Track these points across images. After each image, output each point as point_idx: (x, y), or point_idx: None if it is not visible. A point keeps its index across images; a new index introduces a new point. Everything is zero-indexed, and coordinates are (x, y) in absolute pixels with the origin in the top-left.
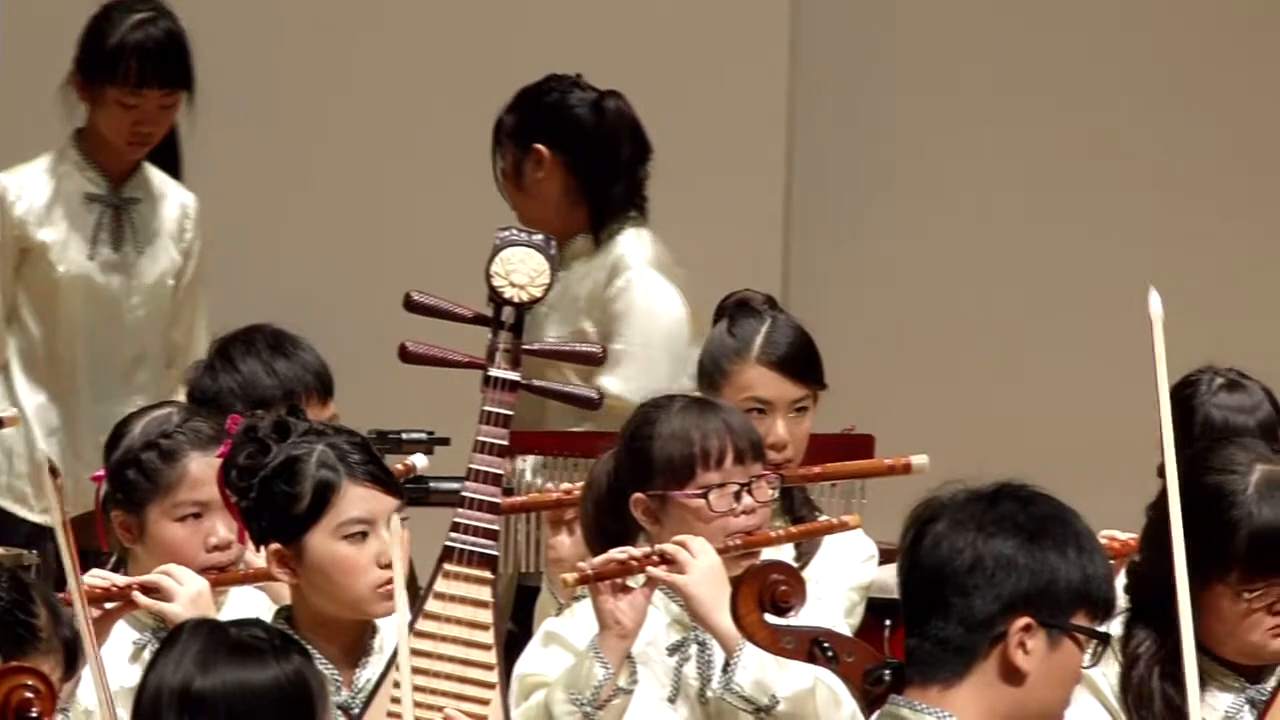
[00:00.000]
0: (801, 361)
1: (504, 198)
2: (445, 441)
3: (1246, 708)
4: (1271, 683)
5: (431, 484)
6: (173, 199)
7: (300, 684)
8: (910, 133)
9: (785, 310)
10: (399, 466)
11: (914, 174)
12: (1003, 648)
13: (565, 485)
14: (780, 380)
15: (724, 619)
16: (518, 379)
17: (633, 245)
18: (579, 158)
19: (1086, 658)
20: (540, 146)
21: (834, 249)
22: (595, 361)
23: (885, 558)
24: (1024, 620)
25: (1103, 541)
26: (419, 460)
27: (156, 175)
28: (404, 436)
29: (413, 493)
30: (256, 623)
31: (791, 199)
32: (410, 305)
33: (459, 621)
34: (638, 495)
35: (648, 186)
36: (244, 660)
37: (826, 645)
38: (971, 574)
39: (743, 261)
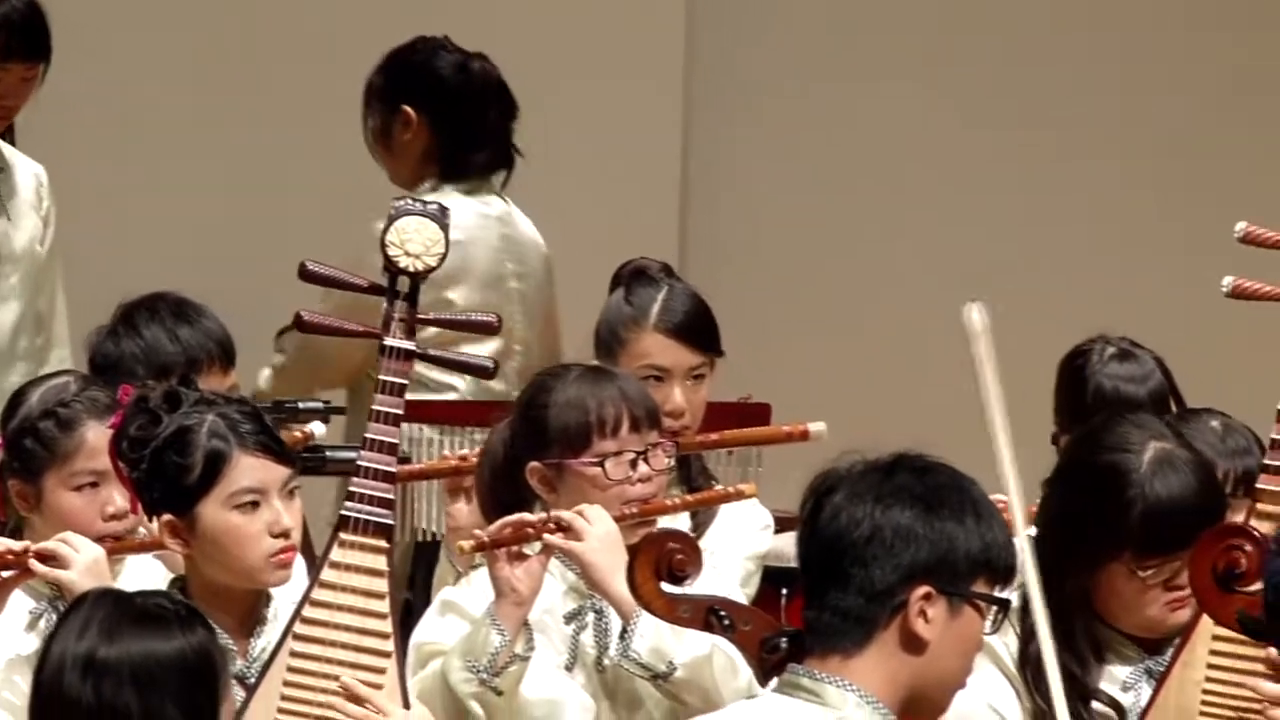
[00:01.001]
0: (699, 329)
1: (374, 158)
2: (341, 411)
3: (1145, 678)
4: (1169, 653)
5: (328, 453)
6: (24, 168)
7: (204, 655)
8: (807, 97)
9: (682, 278)
10: (296, 435)
11: (811, 141)
12: (903, 617)
13: (462, 452)
14: (677, 348)
15: (620, 586)
16: (414, 348)
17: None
18: (445, 118)
19: (987, 624)
20: (407, 108)
21: (731, 217)
22: (491, 331)
23: (782, 526)
24: (924, 589)
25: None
26: (316, 429)
27: (5, 146)
28: (300, 405)
29: (309, 461)
30: (162, 593)
31: (688, 167)
32: (305, 275)
33: (355, 591)
34: (534, 464)
35: (522, 148)
36: (149, 630)
37: (723, 614)
38: (870, 545)
39: (639, 229)
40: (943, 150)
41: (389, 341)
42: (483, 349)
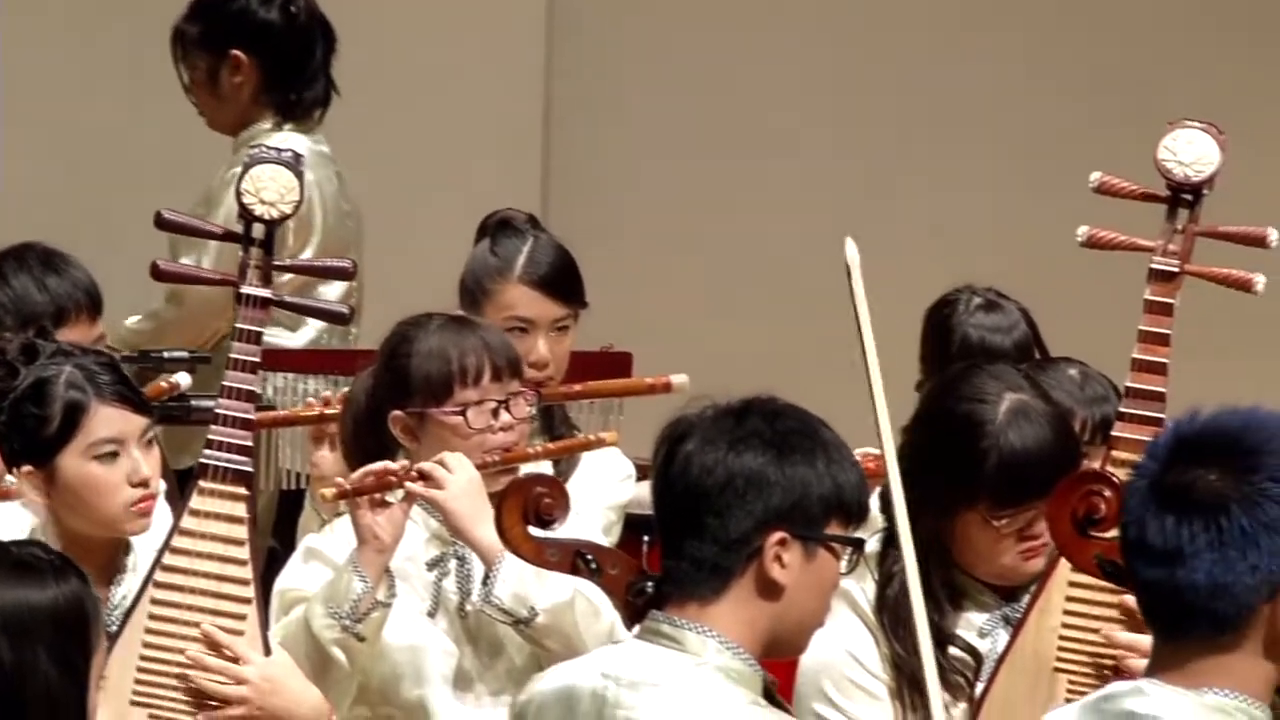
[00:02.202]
0: (563, 281)
1: (193, 104)
2: (206, 360)
3: (1001, 625)
4: (1025, 600)
5: (193, 402)
6: None
7: (78, 605)
8: (670, 47)
9: (547, 229)
10: (162, 385)
11: (674, 93)
12: (759, 563)
13: (326, 395)
14: (542, 300)
15: (482, 533)
16: (270, 295)
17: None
18: (276, 60)
19: (843, 564)
20: (237, 52)
21: (595, 168)
22: (348, 275)
23: (643, 474)
24: (778, 534)
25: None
26: (182, 379)
27: None
28: (165, 355)
29: (175, 410)
30: (36, 543)
31: (551, 118)
32: (161, 224)
33: (214, 538)
34: (396, 413)
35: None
36: (23, 579)
37: (590, 557)
38: (723, 493)
39: (503, 180)
40: (805, 100)
41: (245, 289)
42: (333, 290)
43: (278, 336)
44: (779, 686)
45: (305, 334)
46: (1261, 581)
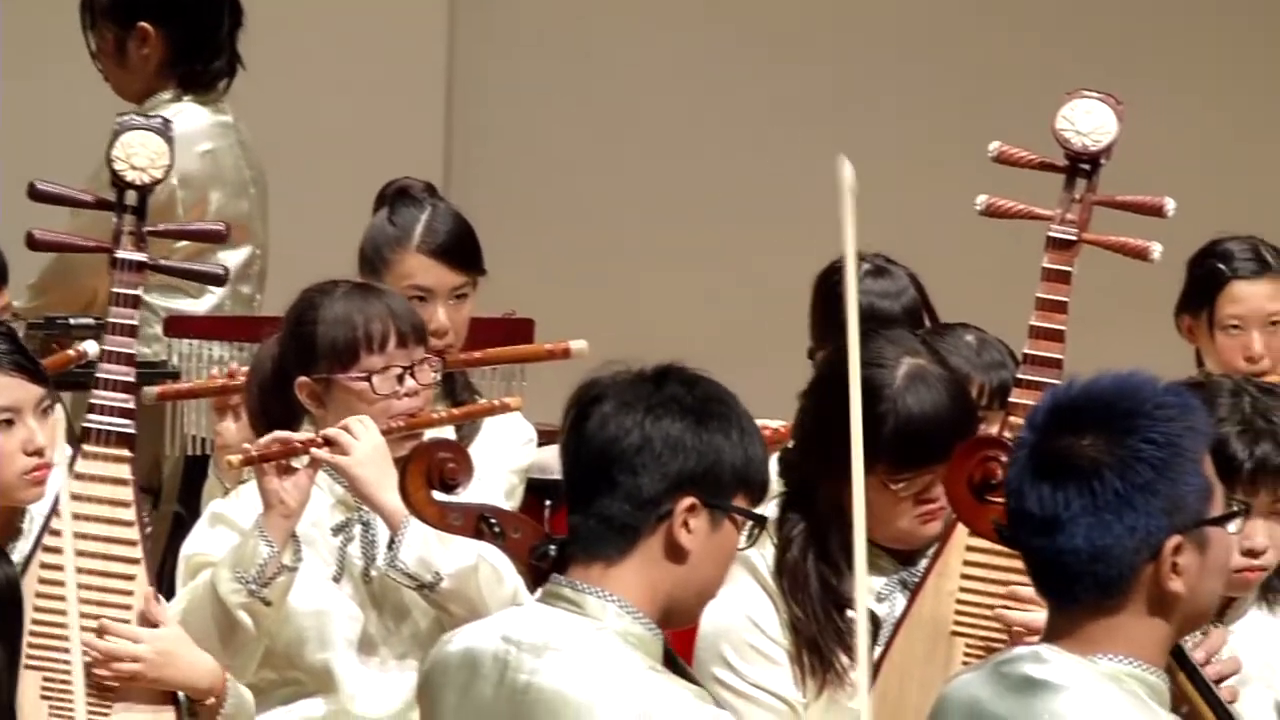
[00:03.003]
0: (461, 250)
1: (100, 72)
2: None
3: (899, 589)
4: (923, 564)
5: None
6: None
7: (13, 583)
8: (570, 16)
9: (445, 198)
10: (70, 353)
11: (573, 61)
12: (668, 526)
13: (230, 369)
14: (440, 269)
15: (387, 498)
16: (145, 259)
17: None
18: (183, 33)
19: (743, 539)
20: (145, 24)
21: (495, 135)
22: (220, 239)
23: (544, 439)
24: (689, 500)
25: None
26: (89, 347)
27: None
28: (72, 322)
29: (82, 378)
30: None
31: (452, 86)
32: (34, 194)
33: (100, 500)
34: (302, 379)
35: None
36: None
37: (493, 521)
38: (640, 454)
39: (404, 148)
40: (700, 70)
41: (120, 254)
42: (235, 256)
43: (180, 303)
44: (679, 650)
45: (208, 300)
46: (1141, 543)
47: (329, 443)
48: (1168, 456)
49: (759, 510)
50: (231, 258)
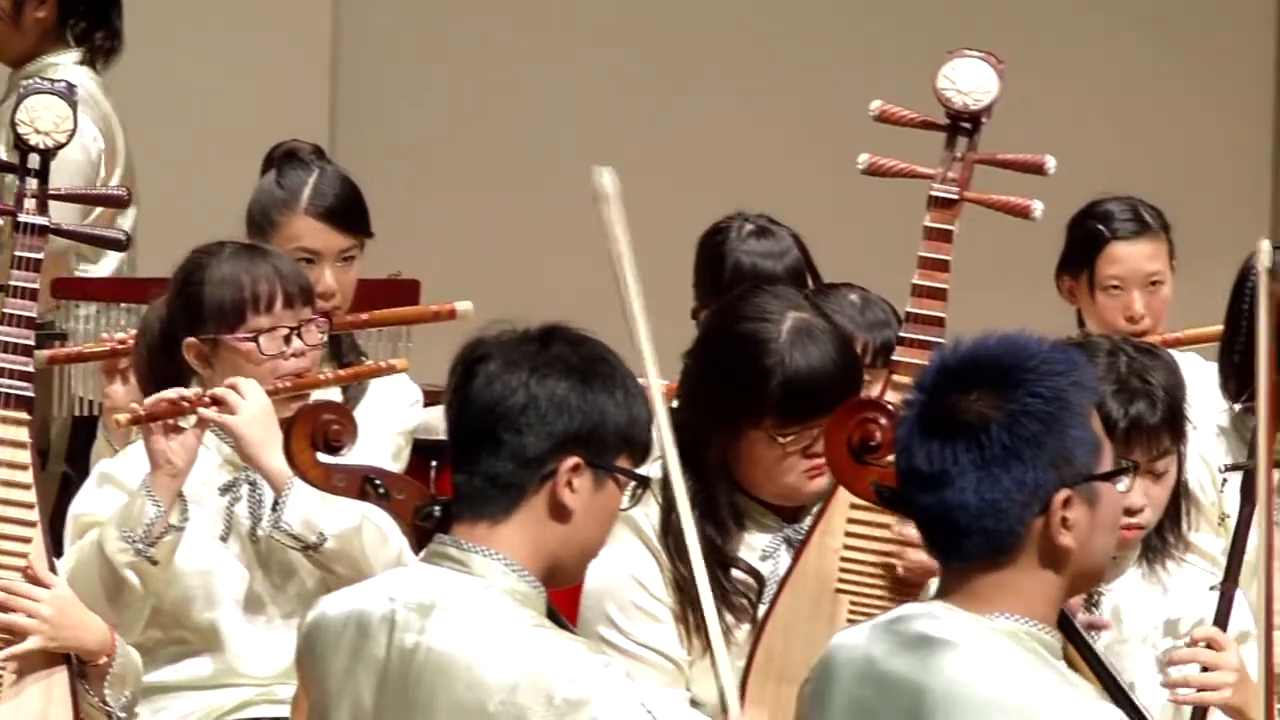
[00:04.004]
0: (348, 212)
1: None
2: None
3: (784, 546)
4: (807, 522)
5: None
6: None
7: None
8: None
9: (332, 160)
10: None
11: (458, 22)
12: (552, 486)
13: (119, 335)
14: (327, 231)
15: (273, 459)
16: (47, 223)
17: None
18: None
19: (626, 499)
20: None
21: (381, 97)
22: (123, 204)
23: (430, 400)
24: (573, 460)
25: (659, 389)
26: None
27: None
28: None
29: None
30: None
31: (338, 49)
32: None
33: None
34: (189, 339)
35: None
36: None
37: (378, 483)
38: (525, 413)
39: (291, 110)
40: (585, 32)
41: (22, 218)
42: (127, 219)
43: (83, 268)
44: (564, 610)
45: (107, 265)
46: (1029, 496)
47: (216, 402)
48: (1055, 410)
49: (643, 470)
50: (126, 221)
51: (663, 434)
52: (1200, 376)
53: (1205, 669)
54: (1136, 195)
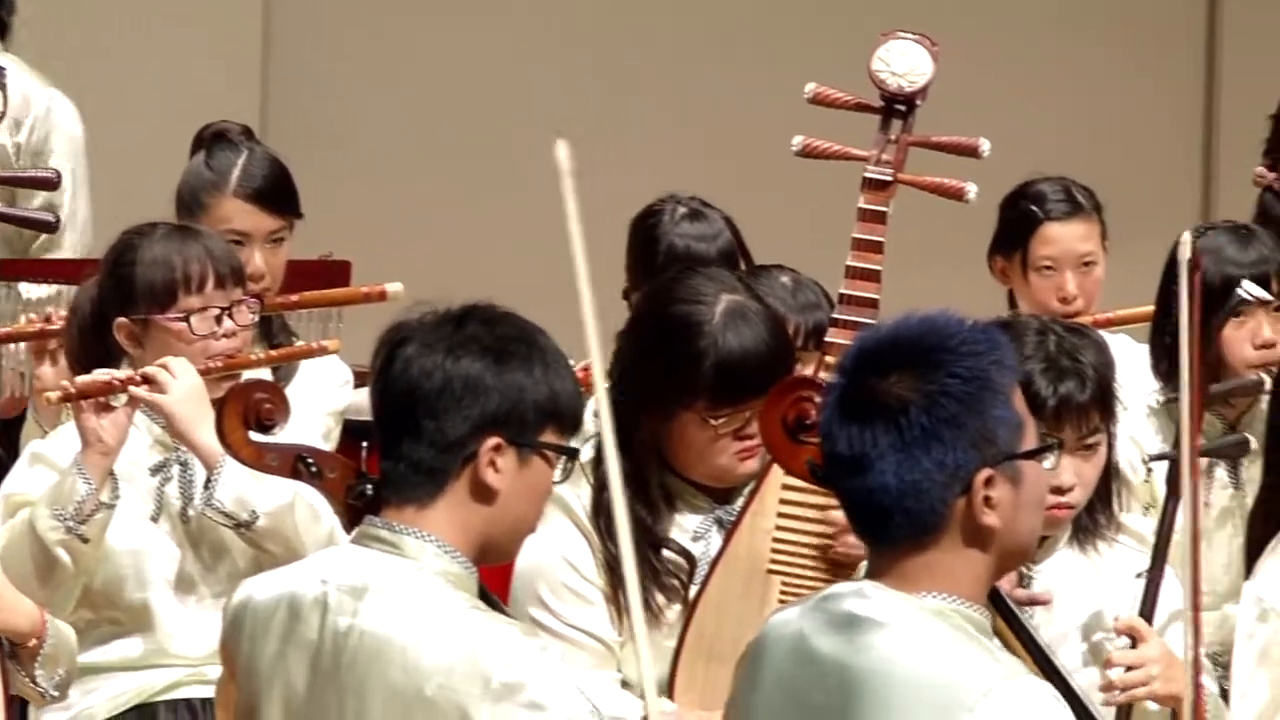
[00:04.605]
0: (278, 194)
1: None
2: None
3: (715, 527)
4: (739, 503)
5: None
6: None
7: None
8: None
9: (262, 141)
10: None
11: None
12: (474, 468)
13: (49, 314)
14: (257, 213)
15: (204, 437)
16: None
17: None
18: None
19: (557, 473)
20: None
21: (312, 78)
22: (52, 186)
23: (361, 381)
24: (494, 440)
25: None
26: None
27: None
28: None
29: None
30: None
31: (270, 29)
32: None
33: None
34: (120, 319)
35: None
36: None
37: (310, 461)
38: (441, 396)
39: (222, 91)
40: (514, 11)
41: None
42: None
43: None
44: (495, 590)
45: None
46: (950, 477)
47: (147, 381)
48: (974, 390)
49: (576, 446)
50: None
51: (602, 413)
52: (1131, 358)
53: (1130, 668)
54: (1069, 176)
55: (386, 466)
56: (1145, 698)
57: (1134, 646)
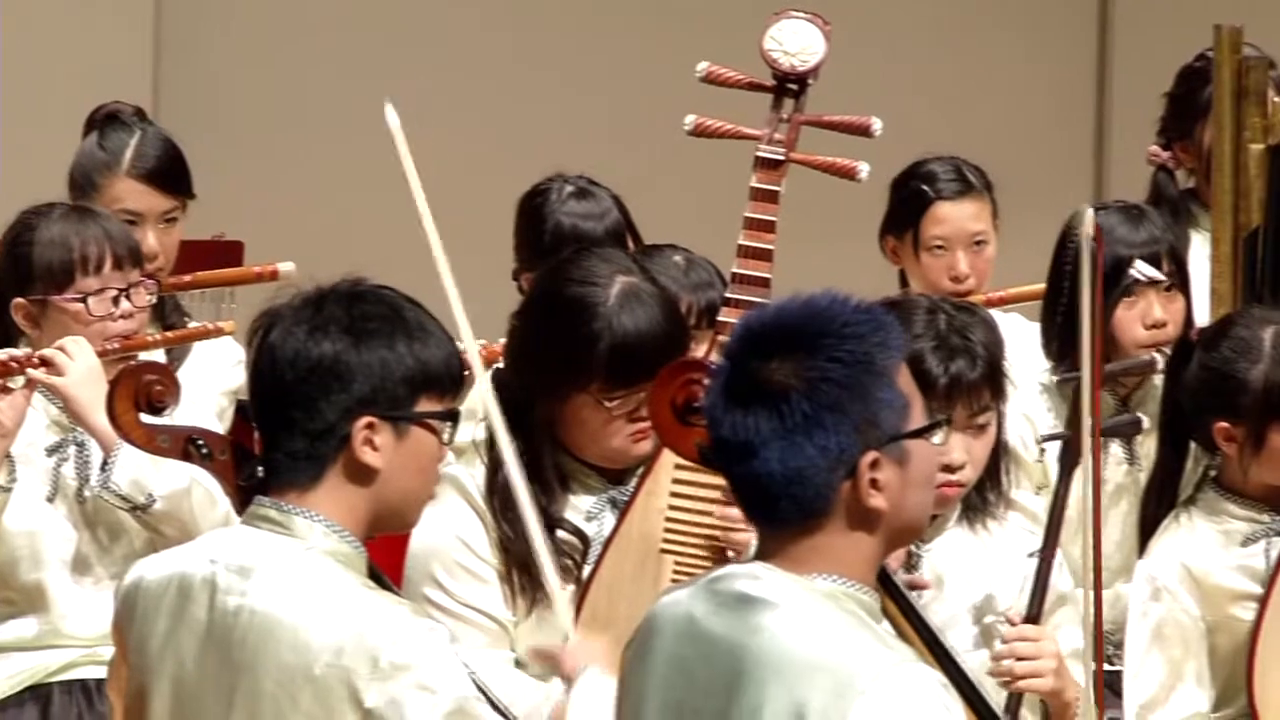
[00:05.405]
0: (170, 174)
1: None
2: None
3: (608, 508)
4: (632, 484)
5: None
6: None
7: None
8: None
9: (154, 122)
10: None
11: None
12: (349, 449)
13: None
14: (150, 193)
15: (101, 419)
16: None
17: None
18: None
19: (446, 435)
20: None
21: (204, 58)
22: None
23: None
24: (366, 419)
25: (475, 349)
26: None
27: None
28: None
29: None
30: None
31: (161, 11)
32: None
33: None
34: (18, 300)
35: None
36: None
37: (201, 443)
38: (306, 384)
39: (114, 72)
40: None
41: None
42: None
43: None
44: (388, 570)
45: None
46: (835, 461)
47: (45, 363)
48: (856, 374)
49: (457, 408)
50: None
51: (485, 395)
52: (1022, 336)
53: (1022, 658)
54: (961, 155)
55: (268, 457)
56: (1037, 690)
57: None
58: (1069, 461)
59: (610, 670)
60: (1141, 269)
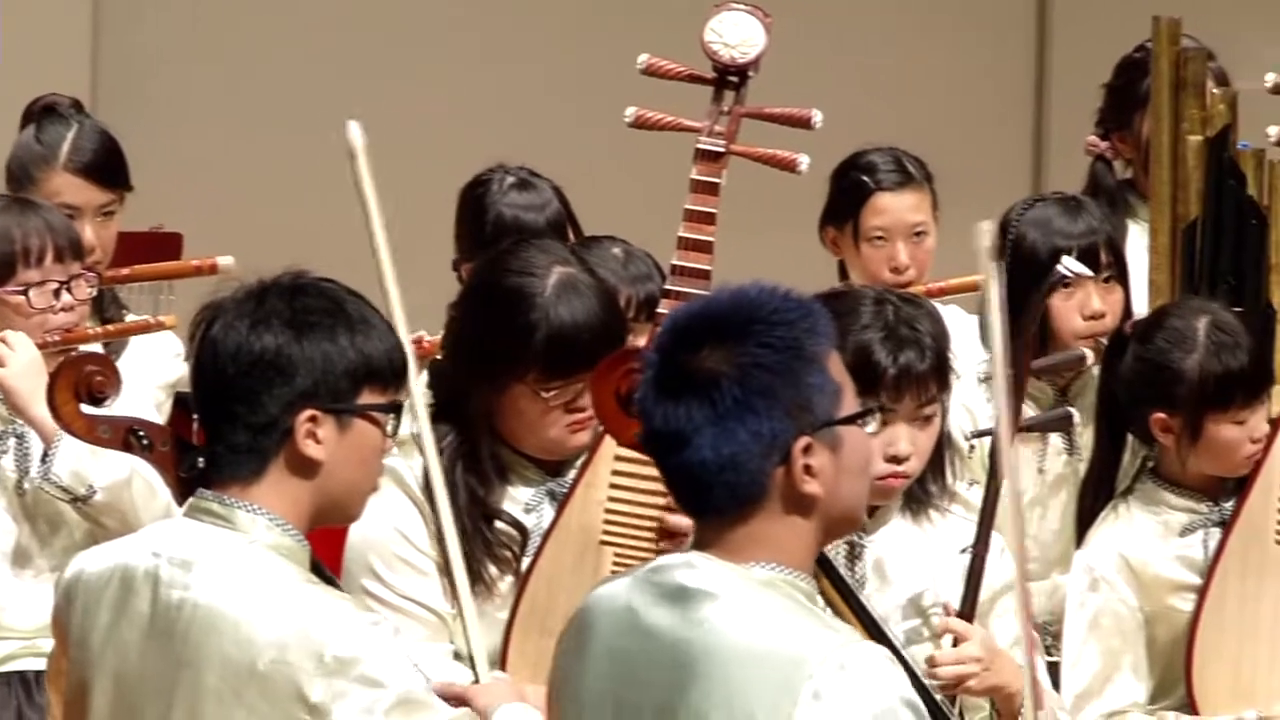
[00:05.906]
0: (108, 167)
1: None
2: None
3: (547, 499)
4: (571, 475)
5: None
6: None
7: None
8: None
9: (92, 114)
10: None
11: None
12: (291, 443)
13: None
14: (87, 186)
15: (42, 411)
16: None
17: None
18: None
19: (389, 427)
20: None
21: (143, 50)
22: None
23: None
24: (308, 412)
25: (410, 340)
26: None
27: None
28: None
29: None
30: None
31: (100, 2)
32: None
33: None
34: None
35: None
36: None
37: (142, 434)
38: (248, 377)
39: (50, 64)
40: None
41: None
42: None
43: None
44: (328, 562)
45: None
46: (768, 447)
47: None
48: (786, 360)
49: (400, 400)
50: None
51: (414, 390)
52: (962, 327)
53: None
54: (900, 146)
55: (210, 450)
56: (967, 692)
57: (955, 645)
58: (996, 461)
59: (522, 701)
60: (1069, 265)
